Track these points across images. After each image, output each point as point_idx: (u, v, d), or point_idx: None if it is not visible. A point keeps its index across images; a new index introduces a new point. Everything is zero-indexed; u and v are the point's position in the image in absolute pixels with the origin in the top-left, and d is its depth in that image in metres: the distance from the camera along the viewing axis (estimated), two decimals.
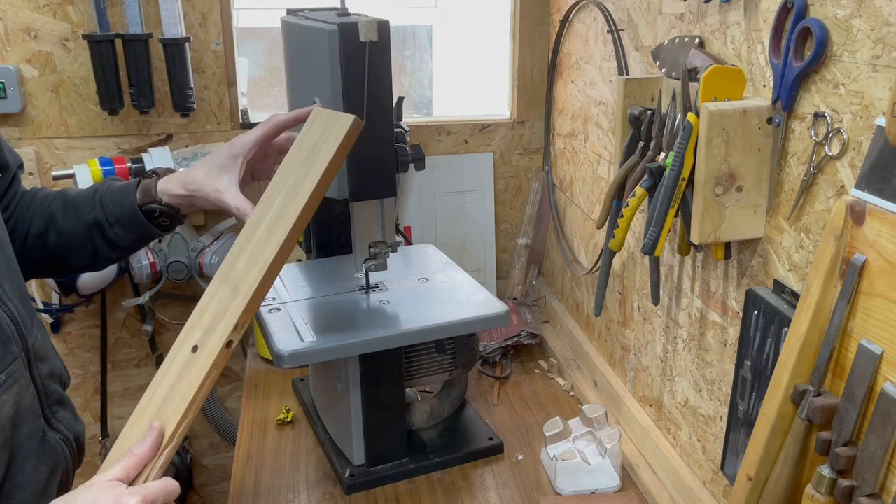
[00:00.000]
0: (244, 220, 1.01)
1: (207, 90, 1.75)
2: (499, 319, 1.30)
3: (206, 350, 0.90)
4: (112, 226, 1.13)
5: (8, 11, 1.61)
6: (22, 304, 0.99)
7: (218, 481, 2.06)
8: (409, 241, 1.89)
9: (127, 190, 1.14)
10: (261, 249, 0.94)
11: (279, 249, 0.93)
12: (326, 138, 0.99)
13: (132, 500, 0.82)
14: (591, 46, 1.54)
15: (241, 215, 1.04)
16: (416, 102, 2.05)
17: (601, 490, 1.28)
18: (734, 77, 0.97)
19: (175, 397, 0.89)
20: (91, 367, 1.88)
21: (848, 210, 0.77)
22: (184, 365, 0.91)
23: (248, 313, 0.91)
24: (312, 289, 1.39)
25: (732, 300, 1.07)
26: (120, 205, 1.13)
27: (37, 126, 1.69)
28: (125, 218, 1.13)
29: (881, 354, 0.73)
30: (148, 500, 0.83)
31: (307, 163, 0.98)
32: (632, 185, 1.13)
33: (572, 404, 1.57)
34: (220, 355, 0.90)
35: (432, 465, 1.35)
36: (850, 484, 0.73)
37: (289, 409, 1.52)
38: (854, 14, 0.80)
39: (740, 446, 1.03)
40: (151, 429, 0.87)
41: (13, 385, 0.92)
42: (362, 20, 1.14)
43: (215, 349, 0.90)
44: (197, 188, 1.09)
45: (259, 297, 0.92)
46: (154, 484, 0.85)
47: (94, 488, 0.83)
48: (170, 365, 0.92)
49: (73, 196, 1.16)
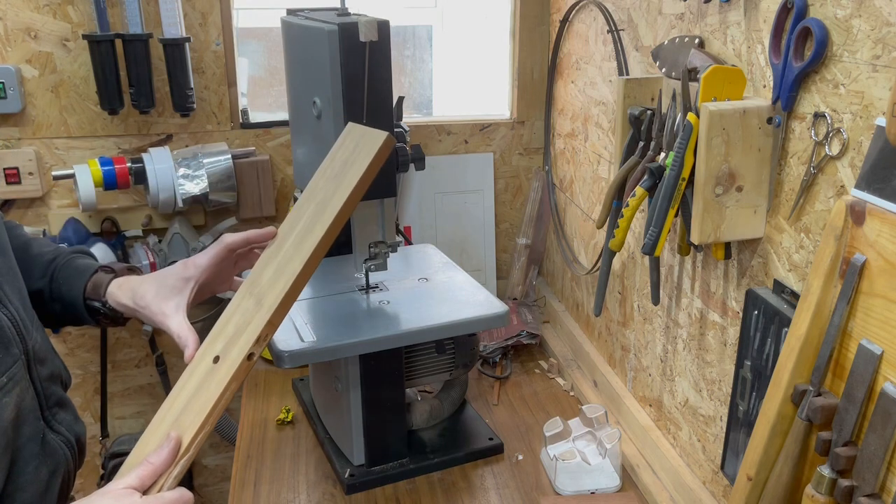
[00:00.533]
0: (184, 349, 0.99)
1: (207, 90, 1.75)
2: (499, 319, 1.30)
3: (227, 361, 0.90)
4: (53, 301, 1.11)
5: (8, 11, 1.61)
6: (22, 306, 0.99)
7: (218, 481, 2.06)
8: (409, 241, 1.89)
9: (81, 275, 1.11)
10: (287, 262, 0.94)
11: (305, 264, 0.92)
12: (358, 154, 0.98)
13: None
14: (591, 46, 1.54)
15: (182, 345, 1.00)
16: (416, 102, 2.05)
17: (601, 490, 1.28)
18: (734, 77, 0.97)
19: (194, 407, 0.89)
20: (91, 367, 1.88)
21: (848, 210, 0.77)
22: (204, 375, 0.91)
23: (271, 326, 0.91)
24: (312, 289, 1.39)
25: (732, 300, 1.07)
26: (68, 286, 1.10)
27: (37, 126, 1.69)
28: (67, 301, 1.10)
29: (881, 354, 0.73)
30: None
31: (338, 178, 0.98)
32: (632, 185, 1.13)
33: (572, 404, 1.57)
34: (241, 368, 0.89)
35: (432, 465, 1.35)
36: (850, 484, 0.73)
37: (289, 409, 1.52)
38: (854, 14, 0.80)
39: (740, 446, 1.03)
40: (169, 438, 0.87)
41: (14, 388, 0.92)
42: (362, 20, 1.15)
43: (236, 361, 0.89)
44: (144, 305, 1.06)
45: (283, 310, 0.92)
46: (169, 494, 0.85)
47: (108, 496, 0.83)
48: (191, 374, 0.92)
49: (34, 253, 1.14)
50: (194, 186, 1.69)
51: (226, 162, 1.71)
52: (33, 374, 0.98)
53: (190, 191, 1.68)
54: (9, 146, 1.69)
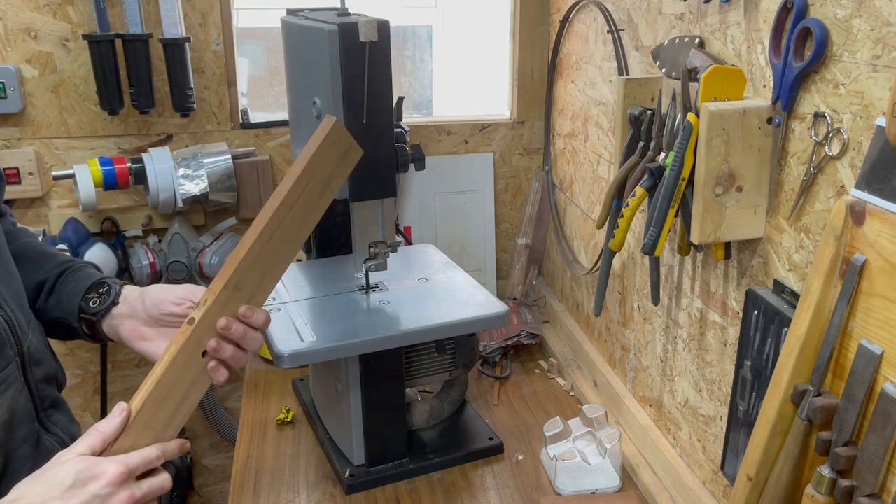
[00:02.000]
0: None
1: (207, 90, 1.75)
2: (499, 319, 1.29)
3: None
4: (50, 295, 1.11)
5: (8, 11, 1.61)
6: (19, 307, 0.99)
7: (218, 481, 2.06)
8: (409, 241, 1.89)
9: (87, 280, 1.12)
10: (241, 245, 0.98)
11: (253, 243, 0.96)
12: (311, 142, 1.02)
13: (112, 466, 0.82)
14: (591, 46, 1.54)
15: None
16: (416, 102, 2.05)
17: (601, 490, 1.28)
18: (734, 77, 0.97)
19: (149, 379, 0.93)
20: (91, 367, 1.88)
21: (848, 210, 0.77)
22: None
23: (210, 293, 0.95)
24: (312, 289, 1.39)
25: (732, 300, 1.07)
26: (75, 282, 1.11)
27: (37, 126, 1.69)
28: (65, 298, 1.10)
29: (881, 354, 0.73)
30: (130, 467, 0.83)
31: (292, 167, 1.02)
32: (632, 185, 1.13)
33: (572, 404, 1.57)
34: (182, 332, 0.94)
35: (432, 465, 1.35)
36: (850, 484, 0.73)
37: (289, 409, 1.52)
38: (854, 14, 0.80)
39: (740, 446, 1.03)
40: (118, 408, 0.88)
41: (7, 389, 0.92)
42: (362, 20, 1.14)
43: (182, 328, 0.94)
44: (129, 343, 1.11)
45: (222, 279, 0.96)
46: (134, 454, 0.85)
47: (66, 464, 0.82)
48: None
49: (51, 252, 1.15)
50: (194, 186, 1.69)
51: (226, 162, 1.71)
52: (28, 375, 0.97)
53: (190, 191, 1.68)
54: (9, 146, 1.69)
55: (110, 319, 1.11)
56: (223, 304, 0.95)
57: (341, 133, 1.03)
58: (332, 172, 1.03)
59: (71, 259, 1.17)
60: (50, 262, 1.14)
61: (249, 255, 0.96)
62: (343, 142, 1.03)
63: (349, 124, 1.18)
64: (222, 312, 0.95)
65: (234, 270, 0.95)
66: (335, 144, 1.02)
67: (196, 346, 0.94)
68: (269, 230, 0.97)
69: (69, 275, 1.12)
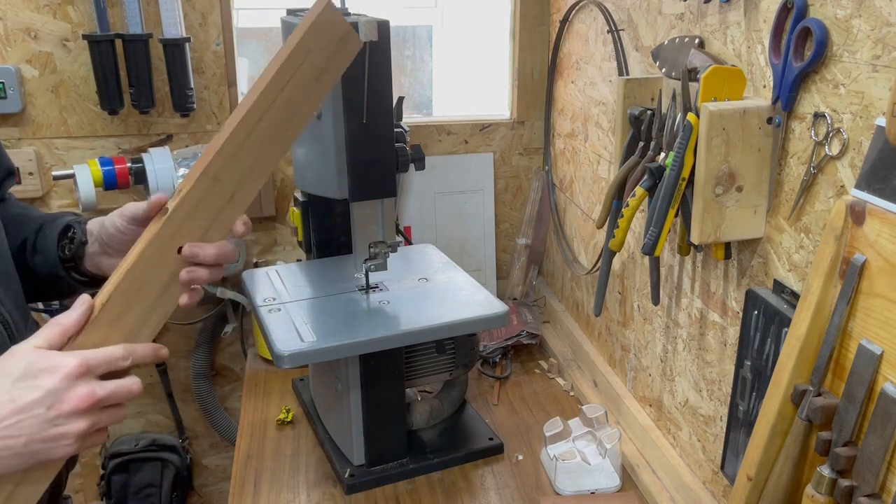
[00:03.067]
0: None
1: (207, 90, 1.75)
2: (499, 319, 1.30)
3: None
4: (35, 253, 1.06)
5: (8, 11, 1.60)
6: (17, 308, 0.98)
7: (218, 481, 2.06)
8: (409, 241, 1.89)
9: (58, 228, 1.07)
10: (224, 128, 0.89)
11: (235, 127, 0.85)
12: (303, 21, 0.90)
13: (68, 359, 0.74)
14: (591, 46, 1.54)
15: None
16: (416, 102, 2.05)
17: (601, 490, 1.28)
18: (734, 77, 0.97)
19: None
20: None
21: (848, 210, 0.77)
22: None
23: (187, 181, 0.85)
24: (312, 289, 1.39)
25: (732, 300, 1.07)
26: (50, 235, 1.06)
27: (37, 126, 1.69)
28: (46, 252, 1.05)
29: (881, 354, 0.73)
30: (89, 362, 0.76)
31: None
32: (632, 185, 1.13)
33: (572, 404, 1.57)
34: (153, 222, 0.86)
35: (432, 466, 1.35)
36: (850, 484, 0.73)
37: (289, 409, 1.52)
38: (854, 14, 0.80)
39: (740, 446, 1.03)
40: (81, 299, 0.81)
41: None
42: (362, 20, 1.15)
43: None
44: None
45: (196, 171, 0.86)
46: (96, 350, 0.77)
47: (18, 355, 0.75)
48: None
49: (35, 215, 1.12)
50: None
51: None
52: None
53: None
54: (9, 146, 1.69)
55: (89, 260, 1.04)
56: (200, 194, 0.85)
57: (336, 16, 0.90)
58: (328, 57, 0.90)
59: (49, 214, 1.12)
60: (31, 223, 1.10)
61: (233, 140, 0.84)
62: (339, 26, 0.91)
63: (349, 124, 1.18)
64: (200, 204, 0.85)
65: (213, 155, 0.83)
66: (330, 26, 0.90)
67: (170, 238, 0.84)
68: (256, 112, 0.85)
69: (45, 228, 1.08)
